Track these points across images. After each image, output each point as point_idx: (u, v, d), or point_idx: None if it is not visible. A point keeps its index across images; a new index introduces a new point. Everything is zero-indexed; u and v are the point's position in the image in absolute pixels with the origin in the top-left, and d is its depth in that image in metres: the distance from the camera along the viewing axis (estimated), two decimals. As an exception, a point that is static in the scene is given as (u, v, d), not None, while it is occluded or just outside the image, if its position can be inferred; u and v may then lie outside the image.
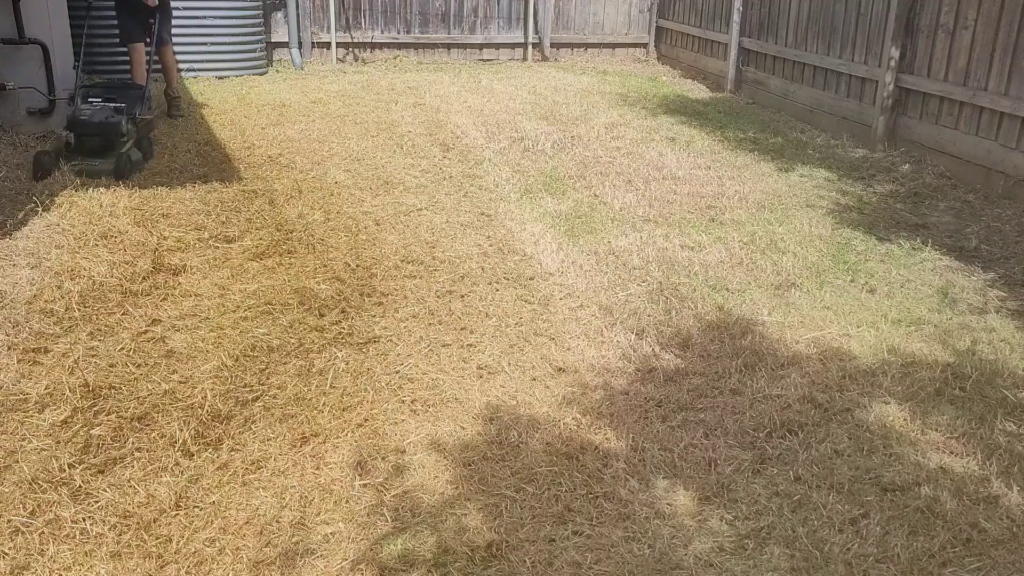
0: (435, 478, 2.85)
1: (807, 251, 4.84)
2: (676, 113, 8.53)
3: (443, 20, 11.31)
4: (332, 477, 2.84)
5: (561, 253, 4.75)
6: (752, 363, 3.60)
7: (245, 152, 6.48)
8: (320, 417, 3.16)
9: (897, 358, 3.65)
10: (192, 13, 9.17)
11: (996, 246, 4.97)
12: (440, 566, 2.44)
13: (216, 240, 4.75)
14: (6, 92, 6.28)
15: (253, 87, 9.06)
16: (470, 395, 3.34)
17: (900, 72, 6.87)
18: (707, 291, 4.30)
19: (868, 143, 7.19)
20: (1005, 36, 5.81)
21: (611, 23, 11.97)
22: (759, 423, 3.16)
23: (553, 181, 6.11)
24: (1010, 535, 2.60)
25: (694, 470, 2.91)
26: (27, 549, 2.45)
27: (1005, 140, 5.83)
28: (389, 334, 3.80)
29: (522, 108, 8.45)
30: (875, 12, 7.23)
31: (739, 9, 9.51)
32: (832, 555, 2.50)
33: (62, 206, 5.07)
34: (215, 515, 2.63)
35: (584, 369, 3.56)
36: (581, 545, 2.55)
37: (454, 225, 5.17)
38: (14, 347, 3.50)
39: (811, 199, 5.84)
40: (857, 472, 2.89)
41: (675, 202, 5.69)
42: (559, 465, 2.90)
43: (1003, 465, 2.92)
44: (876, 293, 4.31)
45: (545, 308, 4.10)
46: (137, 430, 3.02)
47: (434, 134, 7.37)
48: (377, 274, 4.40)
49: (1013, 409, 3.26)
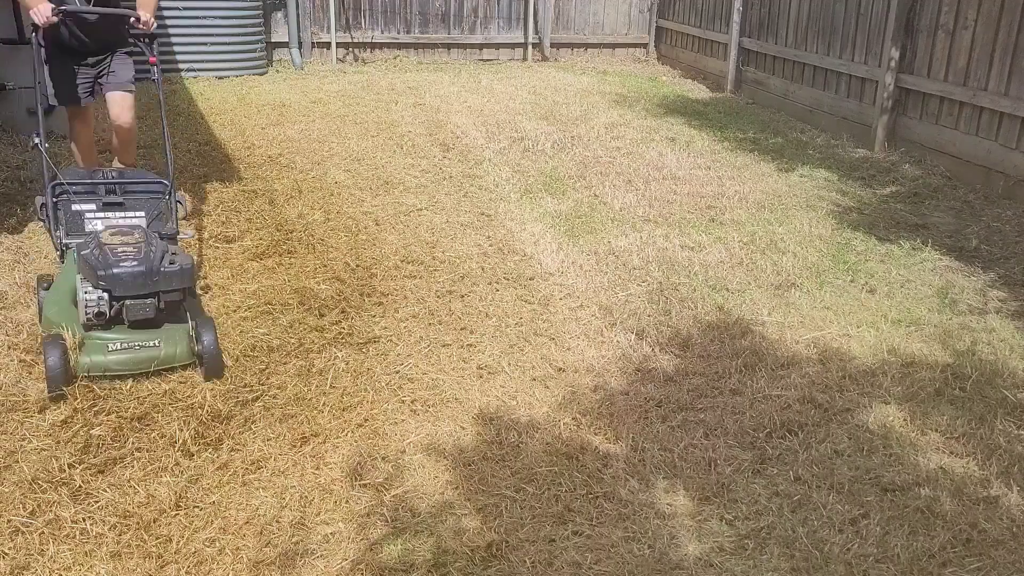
0: (435, 478, 2.85)
1: (807, 251, 4.84)
2: (676, 113, 8.52)
3: (443, 20, 11.31)
4: (332, 477, 2.83)
5: (561, 253, 4.75)
6: (752, 363, 3.60)
7: (245, 152, 6.48)
8: (320, 417, 3.16)
9: (897, 358, 3.65)
10: (192, 13, 9.17)
11: (996, 246, 4.97)
12: (440, 566, 2.44)
13: (216, 240, 4.75)
14: (6, 92, 6.28)
15: (253, 87, 9.06)
16: (470, 395, 3.34)
17: (900, 72, 6.87)
18: (707, 291, 4.30)
19: (868, 143, 7.19)
20: (1005, 36, 5.81)
21: (611, 23, 11.97)
22: (759, 423, 3.16)
23: (553, 181, 6.11)
24: (1010, 535, 2.60)
25: (694, 470, 2.91)
26: (27, 549, 2.45)
27: (1005, 140, 5.83)
28: (389, 334, 3.80)
29: (522, 108, 8.45)
30: (875, 12, 7.23)
31: (739, 9, 9.51)
32: (832, 555, 2.50)
33: (62, 206, 5.06)
34: (215, 515, 2.63)
35: (584, 369, 3.56)
36: (581, 545, 2.55)
37: (454, 225, 5.17)
38: (14, 347, 3.50)
39: (811, 199, 5.83)
40: (857, 472, 2.89)
41: (675, 202, 5.69)
42: (559, 465, 2.90)
43: (1003, 465, 2.92)
44: (876, 293, 4.31)
45: (545, 308, 4.10)
46: (137, 430, 3.02)
47: (434, 134, 7.37)
48: (377, 274, 4.40)
49: (1013, 409, 3.26)
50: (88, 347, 3.25)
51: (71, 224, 3.76)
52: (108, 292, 3.26)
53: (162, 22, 9.12)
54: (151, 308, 3.30)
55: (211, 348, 3.29)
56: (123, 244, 3.42)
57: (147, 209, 3.84)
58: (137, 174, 4.12)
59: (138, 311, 3.28)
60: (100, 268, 3.27)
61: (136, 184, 3.93)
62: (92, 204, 3.79)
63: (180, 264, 3.36)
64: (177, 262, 3.37)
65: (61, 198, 3.77)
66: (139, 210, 3.82)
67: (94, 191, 3.83)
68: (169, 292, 3.32)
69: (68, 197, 3.77)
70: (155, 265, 3.31)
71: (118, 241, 3.44)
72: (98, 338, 3.29)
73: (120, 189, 3.87)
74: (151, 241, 3.48)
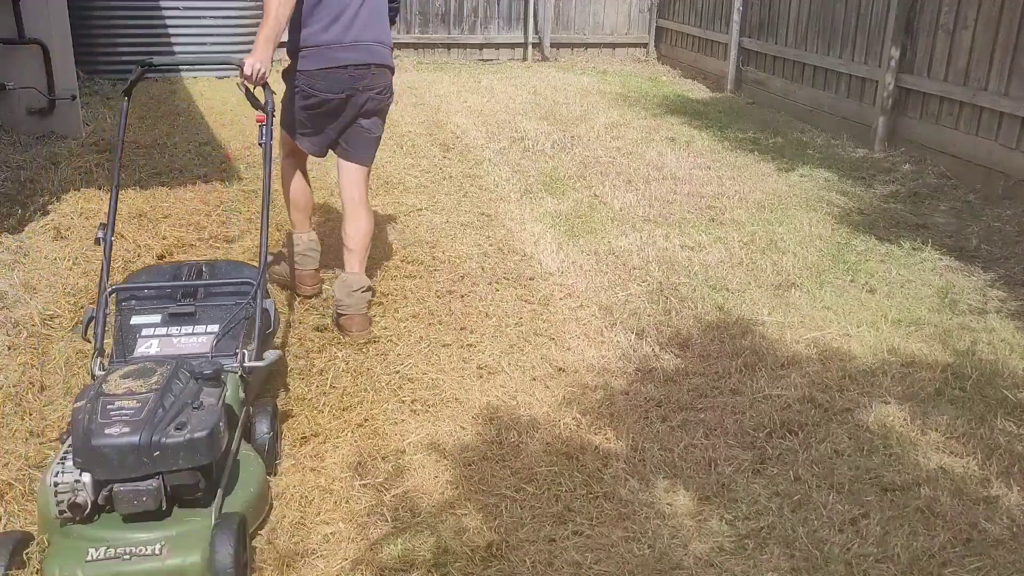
0: (435, 478, 2.85)
1: (807, 251, 4.84)
2: (676, 113, 8.52)
3: (443, 20, 11.31)
4: (332, 477, 2.84)
5: (561, 253, 4.75)
6: (752, 363, 3.60)
7: (245, 152, 6.48)
8: (320, 417, 3.16)
9: (897, 358, 3.64)
10: (192, 13, 9.17)
11: (996, 246, 4.97)
12: (440, 566, 2.44)
13: (216, 240, 4.74)
14: (6, 92, 6.28)
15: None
16: (470, 395, 3.34)
17: (900, 72, 6.87)
18: (707, 291, 4.30)
19: (868, 143, 7.18)
20: (1005, 36, 5.81)
21: (611, 23, 11.97)
22: (759, 423, 3.16)
23: (553, 181, 6.11)
24: (1010, 535, 2.60)
25: (694, 470, 2.91)
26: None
27: (1005, 140, 5.83)
28: (389, 334, 3.80)
29: (522, 108, 8.45)
30: (875, 12, 7.23)
31: (739, 9, 9.51)
32: (832, 555, 2.50)
33: (63, 207, 5.07)
34: (215, 515, 2.63)
35: (584, 369, 3.56)
36: (581, 545, 2.55)
37: (454, 225, 5.17)
38: (15, 347, 3.50)
39: (811, 199, 5.83)
40: (857, 472, 2.89)
41: (675, 202, 5.69)
42: (559, 465, 2.90)
43: (1003, 465, 2.92)
44: (876, 293, 4.31)
45: (545, 308, 4.10)
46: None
47: (434, 134, 7.37)
48: (377, 274, 4.40)
49: (1013, 409, 3.26)
50: (57, 551, 2.25)
51: (119, 345, 2.81)
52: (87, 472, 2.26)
53: (162, 22, 9.14)
54: (150, 497, 2.25)
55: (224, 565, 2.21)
56: (126, 395, 2.35)
57: (223, 320, 2.87)
58: (228, 266, 3.14)
59: (129, 501, 2.24)
60: (77, 437, 2.27)
61: (218, 282, 3.00)
62: (157, 315, 2.89)
63: (192, 431, 2.27)
64: (190, 426, 2.28)
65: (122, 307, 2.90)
66: (214, 323, 2.86)
67: (167, 296, 2.95)
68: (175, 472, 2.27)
69: (130, 305, 2.90)
70: (154, 434, 2.24)
71: (123, 390, 2.37)
72: (76, 538, 2.25)
73: (200, 293, 2.96)
74: (170, 389, 2.39)
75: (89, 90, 8.35)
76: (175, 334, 2.83)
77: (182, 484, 2.29)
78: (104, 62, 8.97)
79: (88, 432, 2.24)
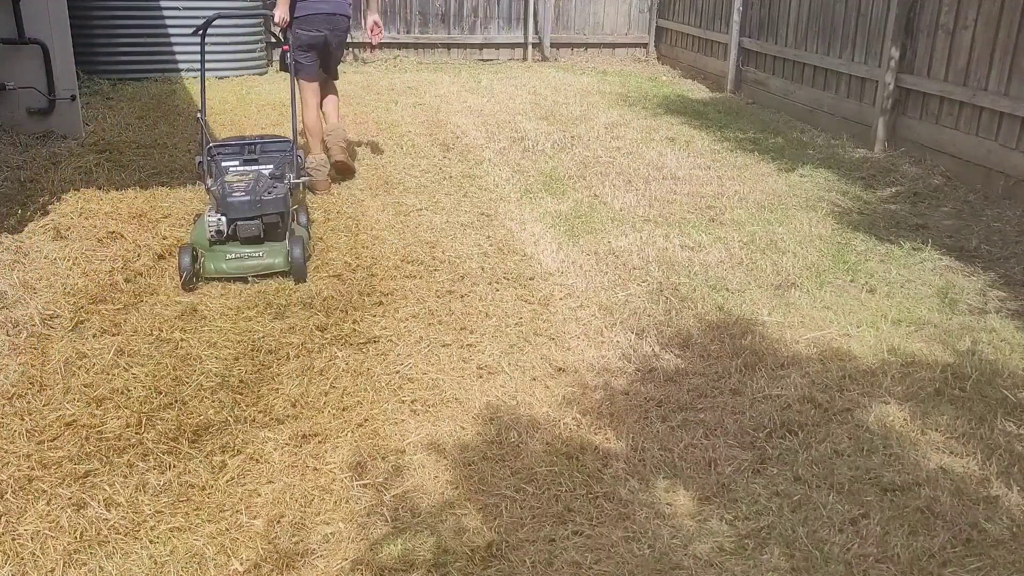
0: (435, 478, 2.85)
1: (807, 251, 4.84)
2: (676, 113, 8.52)
3: (443, 20, 11.32)
4: (332, 477, 2.84)
5: (561, 253, 4.75)
6: (752, 363, 3.60)
7: (245, 152, 6.47)
8: (320, 417, 3.16)
9: (897, 358, 3.64)
10: (192, 13, 9.17)
11: (996, 246, 4.97)
12: (440, 566, 2.44)
13: (216, 240, 4.75)
14: (6, 92, 6.28)
15: (253, 87, 9.06)
16: (470, 395, 3.34)
17: (900, 72, 6.87)
18: (707, 291, 4.30)
19: (868, 143, 7.18)
20: (1005, 36, 5.81)
21: (611, 23, 11.97)
22: (759, 423, 3.16)
23: (553, 181, 6.11)
24: (1010, 535, 2.60)
25: (694, 470, 2.91)
26: (27, 549, 2.45)
27: (1005, 140, 5.83)
28: (389, 334, 3.80)
29: (522, 108, 8.45)
30: (875, 12, 7.23)
31: (739, 9, 9.51)
32: (832, 555, 2.50)
33: (63, 207, 5.07)
34: (215, 515, 2.63)
35: (584, 369, 3.56)
36: (581, 545, 2.55)
37: (454, 225, 5.17)
38: (15, 347, 3.50)
39: (811, 199, 5.83)
40: (857, 472, 2.89)
41: (675, 202, 5.70)
42: (559, 465, 2.90)
43: (1003, 465, 2.92)
44: (876, 293, 4.31)
45: (545, 308, 4.10)
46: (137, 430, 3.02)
47: (434, 134, 7.37)
48: (377, 274, 4.40)
49: (1013, 409, 3.26)
50: (210, 256, 4.20)
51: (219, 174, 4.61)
52: (224, 215, 4.22)
53: (162, 22, 9.14)
54: (256, 228, 4.23)
55: (298, 260, 4.19)
56: (238, 181, 4.40)
57: (275, 162, 4.74)
58: (271, 137, 5.12)
59: (246, 230, 4.23)
60: (219, 197, 4.29)
61: (268, 144, 4.97)
62: (236, 160, 4.76)
63: (275, 194, 4.32)
64: (273, 193, 4.32)
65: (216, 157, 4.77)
66: (269, 163, 4.73)
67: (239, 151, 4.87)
68: (269, 215, 4.25)
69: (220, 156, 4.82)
70: (258, 195, 4.27)
71: (235, 179, 4.43)
72: (219, 250, 4.22)
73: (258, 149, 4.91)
74: (259, 179, 4.44)
75: (89, 90, 8.35)
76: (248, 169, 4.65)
77: (270, 223, 4.28)
78: (104, 62, 8.97)
79: (224, 194, 4.27)
